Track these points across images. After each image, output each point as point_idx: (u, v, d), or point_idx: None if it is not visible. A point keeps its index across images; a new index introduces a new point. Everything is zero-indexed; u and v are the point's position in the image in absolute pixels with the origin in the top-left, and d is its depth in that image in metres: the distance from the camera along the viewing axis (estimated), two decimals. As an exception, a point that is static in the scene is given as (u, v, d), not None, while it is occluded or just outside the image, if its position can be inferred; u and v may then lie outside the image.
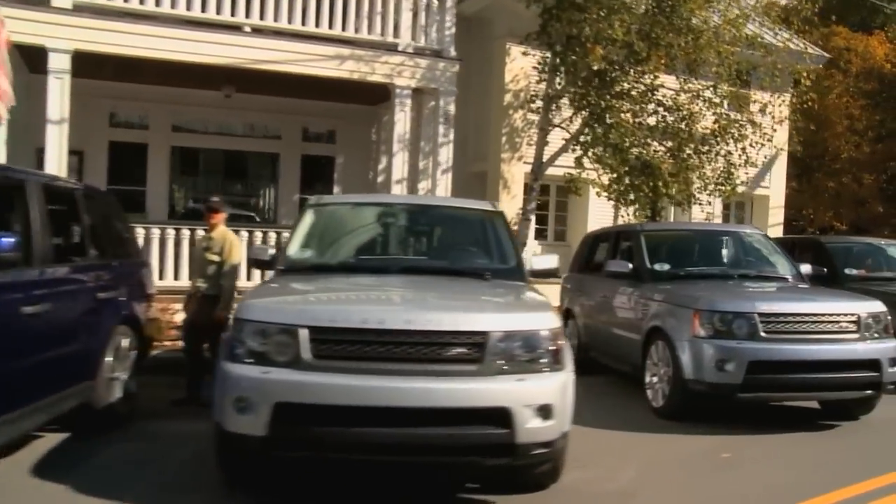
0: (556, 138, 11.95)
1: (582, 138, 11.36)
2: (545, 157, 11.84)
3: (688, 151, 11.09)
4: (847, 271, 9.15)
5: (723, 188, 11.22)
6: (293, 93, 11.77)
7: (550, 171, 12.48)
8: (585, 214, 14.24)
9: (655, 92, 10.86)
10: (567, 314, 8.89)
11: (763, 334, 5.78)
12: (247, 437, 3.67)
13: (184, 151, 12.35)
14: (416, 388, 3.64)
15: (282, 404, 3.61)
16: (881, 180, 22.91)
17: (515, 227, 12.35)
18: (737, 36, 10.65)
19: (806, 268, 7.43)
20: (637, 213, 11.91)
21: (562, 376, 3.88)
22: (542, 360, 3.83)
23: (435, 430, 3.65)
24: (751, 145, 11.27)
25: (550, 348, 3.86)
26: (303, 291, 4.33)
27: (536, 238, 14.64)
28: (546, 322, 3.92)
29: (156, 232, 9.43)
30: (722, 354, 5.75)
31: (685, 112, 10.84)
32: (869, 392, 5.99)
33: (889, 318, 6.18)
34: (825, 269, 9.07)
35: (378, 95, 11.78)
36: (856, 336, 5.93)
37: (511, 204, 13.16)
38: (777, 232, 16.03)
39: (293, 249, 5.14)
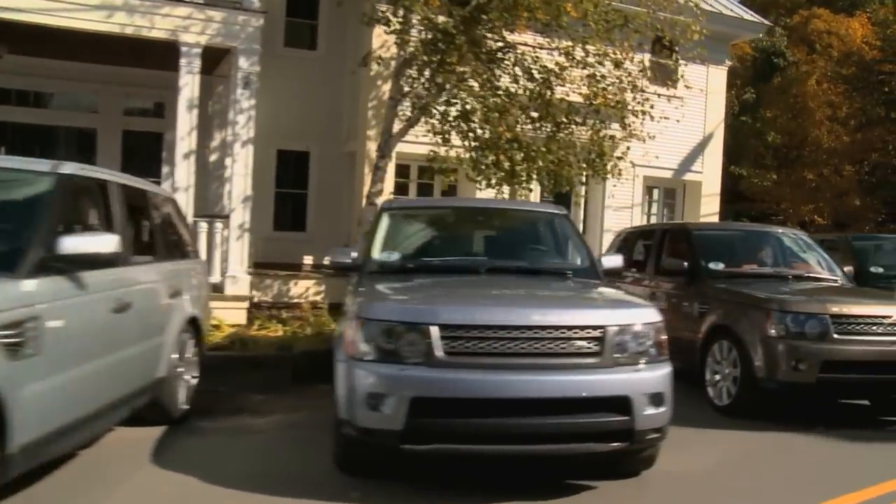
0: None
1: (443, 108, 9.50)
2: (408, 133, 9.99)
3: (561, 121, 9.11)
4: (712, 266, 7.15)
5: (596, 166, 9.17)
6: (106, 58, 10.07)
7: (418, 149, 10.63)
8: (475, 201, 12.31)
9: (510, 51, 8.91)
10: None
11: (441, 356, 3.84)
12: None
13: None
14: None
15: None
16: (862, 172, 20.67)
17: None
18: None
19: (613, 260, 5.45)
20: (521, 195, 10.00)
21: None
22: None
23: None
24: (633, 114, 9.23)
25: None
26: None
27: (420, 229, 12.77)
28: None
29: None
30: (377, 386, 3.84)
31: (546, 75, 8.85)
32: (615, 445, 3.98)
33: (663, 336, 4.18)
34: (685, 264, 7.20)
35: (212, 62, 10.02)
36: (595, 360, 3.95)
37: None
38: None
39: None
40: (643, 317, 4.13)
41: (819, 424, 6.02)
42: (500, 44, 8.77)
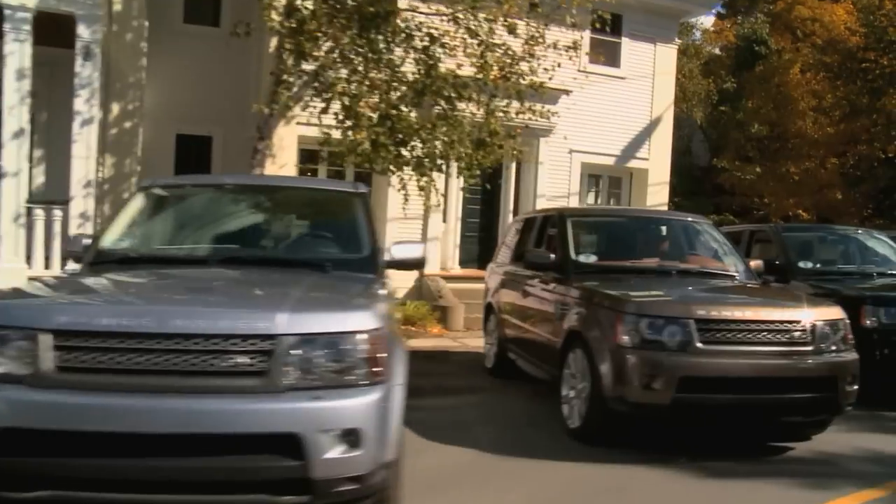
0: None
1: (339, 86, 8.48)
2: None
3: (449, 95, 8.04)
4: (582, 258, 6.06)
5: (488, 147, 8.03)
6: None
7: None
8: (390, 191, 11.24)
9: (386, 17, 7.85)
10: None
11: (49, 372, 2.82)
12: None
13: None
14: None
15: None
16: (846, 165, 19.34)
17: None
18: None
19: (407, 250, 4.37)
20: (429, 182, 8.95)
21: None
22: None
23: None
24: (532, 88, 8.12)
25: None
26: None
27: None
28: None
29: None
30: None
31: (429, 43, 7.79)
32: (289, 498, 2.88)
33: (379, 351, 3.07)
34: (551, 256, 6.16)
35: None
36: (257, 382, 2.88)
37: (280, 177, 10.28)
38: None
39: None
40: (343, 323, 3.05)
41: (683, 454, 4.93)
42: (371, 9, 7.72)
